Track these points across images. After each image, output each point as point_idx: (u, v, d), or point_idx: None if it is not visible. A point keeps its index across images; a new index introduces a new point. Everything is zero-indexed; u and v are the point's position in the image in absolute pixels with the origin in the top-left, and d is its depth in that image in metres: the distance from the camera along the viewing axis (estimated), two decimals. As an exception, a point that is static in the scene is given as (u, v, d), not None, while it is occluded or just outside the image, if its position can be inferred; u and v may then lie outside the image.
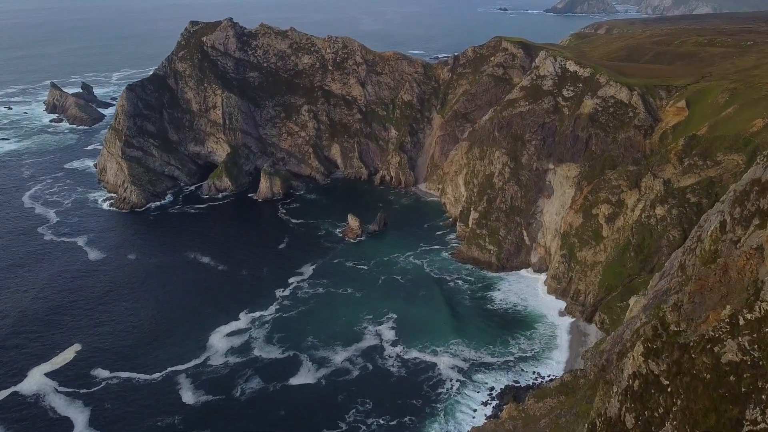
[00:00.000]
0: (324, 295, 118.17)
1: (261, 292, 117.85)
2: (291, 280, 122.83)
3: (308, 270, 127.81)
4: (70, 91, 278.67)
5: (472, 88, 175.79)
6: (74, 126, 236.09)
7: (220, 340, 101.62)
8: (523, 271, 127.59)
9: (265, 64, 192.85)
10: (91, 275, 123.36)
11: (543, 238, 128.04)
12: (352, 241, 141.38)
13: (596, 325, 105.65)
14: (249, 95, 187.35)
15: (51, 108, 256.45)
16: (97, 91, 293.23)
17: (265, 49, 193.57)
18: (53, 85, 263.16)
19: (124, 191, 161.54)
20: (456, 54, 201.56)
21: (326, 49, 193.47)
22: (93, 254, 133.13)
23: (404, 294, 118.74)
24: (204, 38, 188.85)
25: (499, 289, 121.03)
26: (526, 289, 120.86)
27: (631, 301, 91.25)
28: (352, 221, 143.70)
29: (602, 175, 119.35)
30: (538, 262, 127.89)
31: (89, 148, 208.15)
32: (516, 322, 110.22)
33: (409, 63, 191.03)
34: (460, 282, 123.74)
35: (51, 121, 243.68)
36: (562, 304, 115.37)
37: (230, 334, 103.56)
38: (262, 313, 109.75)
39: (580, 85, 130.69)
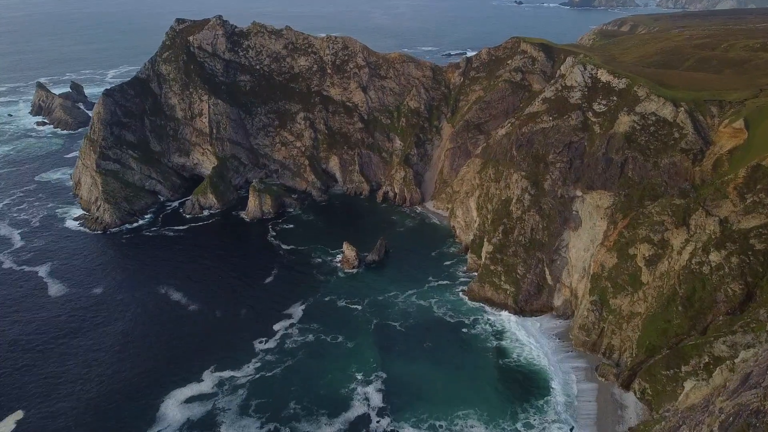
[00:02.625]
0: (314, 345, 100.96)
1: (235, 342, 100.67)
2: (276, 326, 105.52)
3: (298, 311, 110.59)
4: (63, 90, 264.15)
5: (487, 95, 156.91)
6: (58, 130, 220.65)
7: (175, 409, 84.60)
8: (545, 317, 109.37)
9: (257, 67, 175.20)
10: (47, 318, 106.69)
11: (568, 277, 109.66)
12: (346, 272, 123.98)
13: (635, 394, 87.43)
14: (239, 101, 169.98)
15: (36, 110, 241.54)
16: (90, 90, 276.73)
17: (258, 49, 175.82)
18: (39, 85, 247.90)
19: (97, 209, 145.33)
20: (469, 55, 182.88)
21: (325, 50, 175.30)
22: (54, 288, 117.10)
23: (400, 345, 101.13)
24: (191, 38, 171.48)
25: (516, 340, 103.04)
26: (549, 340, 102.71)
27: (687, 384, 72.98)
28: (348, 250, 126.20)
29: (641, 208, 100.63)
30: (562, 306, 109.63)
31: (70, 156, 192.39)
32: (537, 385, 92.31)
33: (416, 66, 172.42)
34: (471, 328, 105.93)
35: (35, 124, 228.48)
36: (591, 361, 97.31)
37: (190, 401, 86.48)
38: (233, 373, 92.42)
39: (614, 98, 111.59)
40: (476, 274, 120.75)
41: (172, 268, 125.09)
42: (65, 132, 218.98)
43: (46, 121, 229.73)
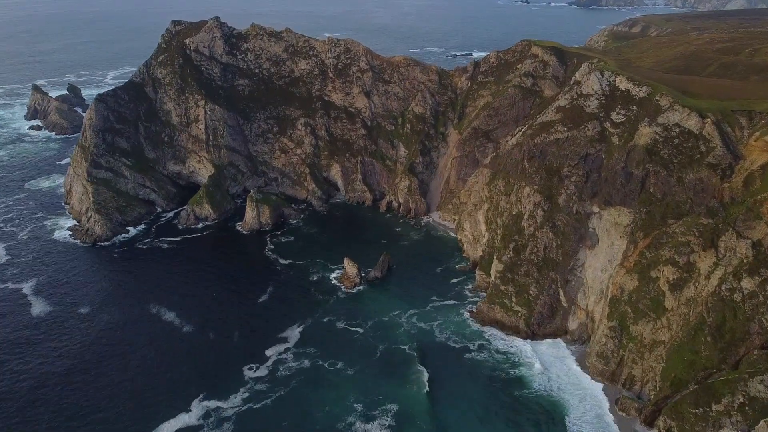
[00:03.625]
0: (310, 372, 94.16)
1: (225, 368, 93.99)
2: (269, 351, 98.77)
3: (294, 334, 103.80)
4: (61, 92, 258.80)
5: (495, 100, 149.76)
6: (53, 134, 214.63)
7: (162, 445, 78.33)
8: (558, 341, 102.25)
9: (256, 70, 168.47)
10: (27, 343, 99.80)
11: (584, 299, 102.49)
12: (347, 291, 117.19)
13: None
14: (237, 106, 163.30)
15: (32, 113, 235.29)
16: (89, 92, 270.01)
17: (257, 52, 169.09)
18: (35, 88, 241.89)
19: (88, 220, 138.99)
20: (475, 56, 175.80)
21: (326, 53, 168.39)
22: (38, 307, 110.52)
23: (405, 372, 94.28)
24: (187, 40, 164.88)
25: (528, 367, 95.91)
26: (563, 368, 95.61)
27: (725, 434, 66.05)
28: (349, 267, 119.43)
29: (664, 227, 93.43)
30: (577, 330, 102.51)
31: (63, 162, 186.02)
32: (550, 421, 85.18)
33: (421, 70, 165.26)
34: (479, 354, 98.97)
35: (30, 128, 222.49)
36: (611, 393, 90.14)
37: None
38: (219, 403, 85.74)
39: (634, 107, 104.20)
40: (485, 293, 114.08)
41: (165, 285, 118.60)
42: (60, 136, 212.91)
43: (41, 125, 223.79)
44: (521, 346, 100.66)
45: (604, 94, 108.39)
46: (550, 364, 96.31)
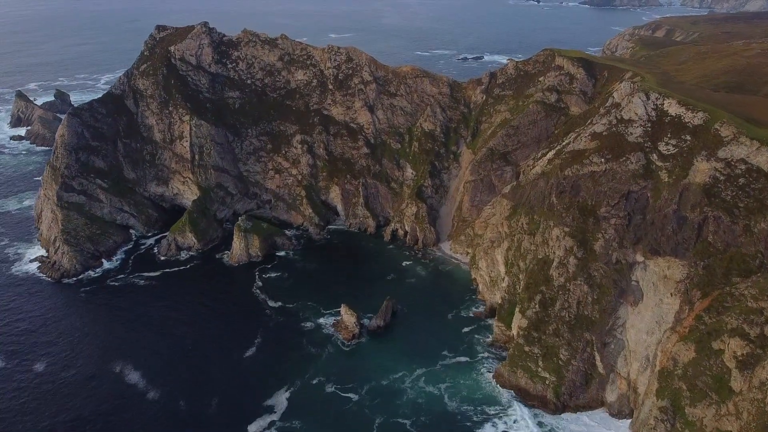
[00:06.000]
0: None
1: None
2: (253, 426, 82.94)
3: (281, 401, 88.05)
4: (49, 98, 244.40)
5: (514, 117, 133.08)
6: (34, 146, 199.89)
7: None
8: (593, 416, 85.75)
9: (248, 81, 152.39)
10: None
11: (626, 366, 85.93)
12: (343, 343, 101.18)
13: None
14: (227, 121, 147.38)
15: (15, 121, 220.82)
16: (79, 97, 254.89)
17: (249, 61, 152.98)
18: (19, 94, 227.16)
19: (55, 252, 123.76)
20: (487, 62, 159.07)
21: (326, 63, 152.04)
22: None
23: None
24: (172, 48, 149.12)
25: (559, 452, 79.73)
26: (603, 454, 79.36)
27: None
28: (347, 315, 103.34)
29: (728, 286, 76.69)
30: (617, 402, 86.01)
31: (41, 178, 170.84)
32: None
33: (431, 81, 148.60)
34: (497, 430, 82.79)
35: (11, 138, 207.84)
36: (662, 491, 73.76)
37: None
38: None
39: (688, 137, 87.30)
40: (503, 346, 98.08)
41: (135, 334, 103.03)
42: (42, 148, 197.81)
43: (23, 135, 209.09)
44: (552, 422, 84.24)
45: (649, 120, 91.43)
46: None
